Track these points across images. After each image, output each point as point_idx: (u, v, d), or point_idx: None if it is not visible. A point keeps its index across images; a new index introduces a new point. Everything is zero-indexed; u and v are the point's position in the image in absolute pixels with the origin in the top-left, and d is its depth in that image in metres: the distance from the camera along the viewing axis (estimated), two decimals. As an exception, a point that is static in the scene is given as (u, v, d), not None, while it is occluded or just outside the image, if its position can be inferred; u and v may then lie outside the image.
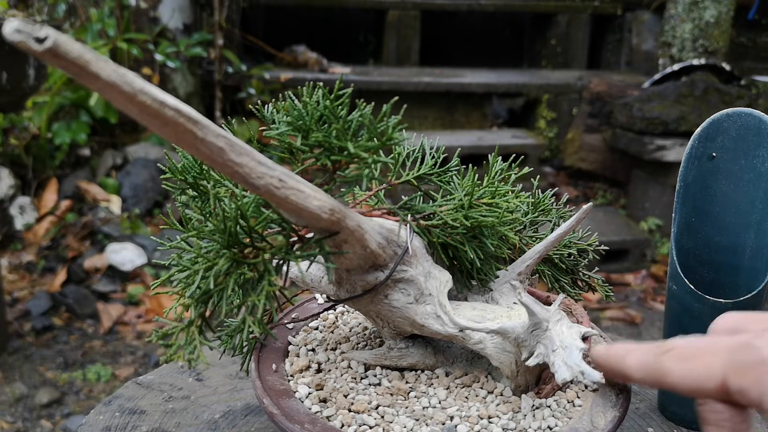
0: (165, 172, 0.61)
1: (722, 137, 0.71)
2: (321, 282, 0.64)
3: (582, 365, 0.53)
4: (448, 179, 0.62)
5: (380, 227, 0.56)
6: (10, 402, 2.11)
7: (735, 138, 0.70)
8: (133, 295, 2.64)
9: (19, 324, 2.47)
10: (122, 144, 3.34)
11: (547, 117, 4.22)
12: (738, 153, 0.70)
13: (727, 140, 0.71)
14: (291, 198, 0.47)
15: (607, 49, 4.95)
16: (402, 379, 0.63)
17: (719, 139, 0.71)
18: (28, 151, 3.08)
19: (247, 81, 3.76)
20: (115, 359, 2.35)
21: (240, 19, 4.02)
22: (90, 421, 0.72)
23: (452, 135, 3.95)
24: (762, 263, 0.69)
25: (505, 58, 5.09)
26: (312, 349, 0.67)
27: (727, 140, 0.71)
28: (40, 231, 2.91)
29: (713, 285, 0.73)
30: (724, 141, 0.71)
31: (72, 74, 0.36)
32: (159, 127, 0.40)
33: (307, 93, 0.56)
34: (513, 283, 0.64)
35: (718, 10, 4.00)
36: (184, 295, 0.52)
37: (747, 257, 0.71)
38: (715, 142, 0.71)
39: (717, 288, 0.73)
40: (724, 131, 0.71)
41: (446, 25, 5.04)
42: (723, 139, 0.71)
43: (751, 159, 0.70)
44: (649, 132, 3.48)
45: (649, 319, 2.72)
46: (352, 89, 0.55)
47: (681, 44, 4.08)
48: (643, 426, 0.74)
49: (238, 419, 0.73)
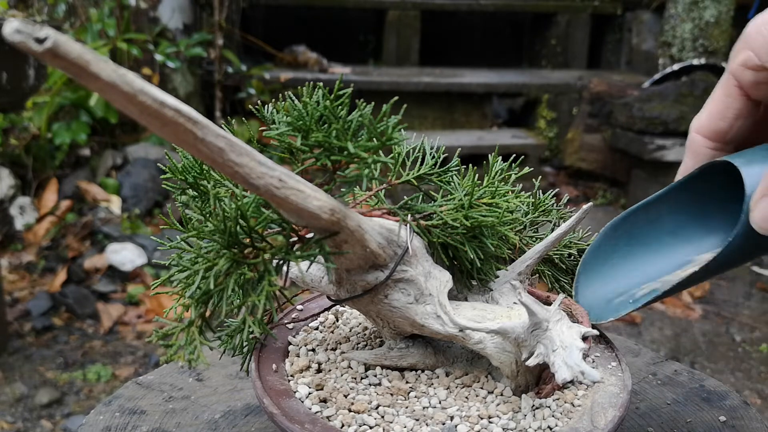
0: (165, 172, 0.61)
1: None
2: (321, 282, 0.64)
3: (582, 365, 0.53)
4: (448, 179, 0.62)
5: (380, 227, 0.56)
6: (10, 402, 2.11)
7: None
8: (133, 295, 2.64)
9: (19, 324, 2.47)
10: (122, 144, 3.34)
11: (547, 117, 4.23)
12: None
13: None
14: (291, 198, 0.47)
15: (607, 49, 4.95)
16: (402, 379, 0.63)
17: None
18: (28, 151, 3.08)
19: (247, 81, 3.76)
20: (115, 359, 2.35)
21: (240, 19, 4.02)
22: (90, 421, 0.72)
23: (452, 135, 3.95)
24: None
25: (505, 58, 5.09)
26: (312, 349, 0.67)
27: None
28: (40, 231, 2.91)
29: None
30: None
31: (72, 74, 0.36)
32: (159, 127, 0.40)
33: (307, 93, 0.56)
34: (513, 283, 0.64)
35: (718, 10, 4.00)
36: (184, 295, 0.52)
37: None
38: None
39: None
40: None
41: (446, 25, 5.04)
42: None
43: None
44: (649, 132, 3.49)
45: (649, 319, 2.72)
46: (352, 89, 0.55)
47: (681, 44, 4.08)
48: (644, 426, 0.74)
49: (239, 419, 0.73)
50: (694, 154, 0.65)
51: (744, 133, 0.63)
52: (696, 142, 0.64)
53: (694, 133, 0.65)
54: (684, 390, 0.80)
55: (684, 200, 0.66)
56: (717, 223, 0.66)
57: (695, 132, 0.64)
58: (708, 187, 0.65)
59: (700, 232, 0.67)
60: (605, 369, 0.64)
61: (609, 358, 0.65)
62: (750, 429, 0.73)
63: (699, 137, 0.64)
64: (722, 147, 0.64)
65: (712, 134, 0.63)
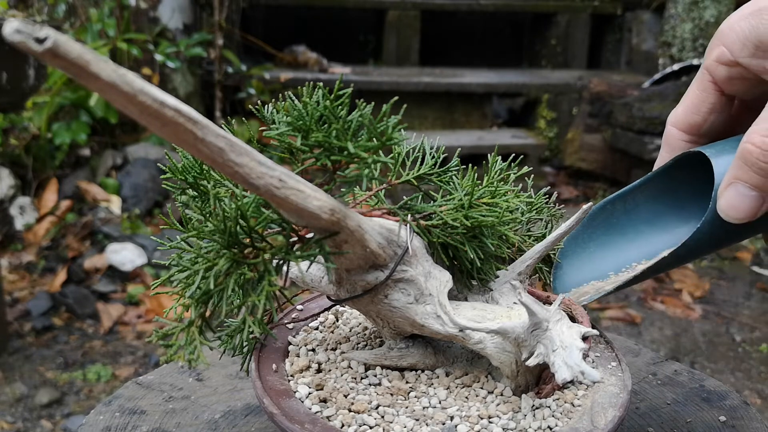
0: (165, 172, 0.61)
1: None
2: (321, 282, 0.64)
3: (582, 365, 0.53)
4: (448, 179, 0.62)
5: (380, 227, 0.56)
6: (10, 402, 2.11)
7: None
8: (133, 295, 2.64)
9: (19, 324, 2.47)
10: (122, 144, 3.34)
11: (547, 117, 4.23)
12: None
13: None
14: (291, 198, 0.47)
15: (607, 49, 4.95)
16: (402, 379, 0.63)
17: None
18: (28, 151, 3.08)
19: (247, 81, 3.76)
20: (115, 359, 2.35)
21: (240, 19, 4.02)
22: (90, 421, 0.72)
23: (452, 135, 3.95)
24: None
25: (505, 58, 5.09)
26: (312, 349, 0.67)
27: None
28: (40, 231, 2.91)
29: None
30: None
31: (72, 75, 0.36)
32: (159, 127, 0.40)
33: (307, 93, 0.56)
34: (513, 283, 0.64)
35: (718, 10, 4.00)
36: (184, 295, 0.52)
37: None
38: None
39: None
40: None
41: (446, 25, 5.04)
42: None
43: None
44: (649, 132, 3.48)
45: (649, 318, 2.72)
46: (352, 89, 0.55)
47: (681, 44, 4.08)
48: (644, 426, 0.74)
49: (238, 419, 0.73)
50: (669, 146, 0.67)
51: (718, 127, 0.65)
52: (672, 134, 0.67)
53: (670, 126, 0.67)
54: (684, 390, 0.80)
55: (660, 190, 0.68)
56: (691, 213, 0.68)
57: (671, 125, 0.67)
58: (683, 177, 0.67)
59: (675, 221, 0.69)
60: (605, 369, 0.64)
61: (609, 358, 0.65)
62: (750, 429, 0.73)
63: (675, 130, 0.66)
64: (697, 140, 0.66)
65: (687, 127, 0.66)
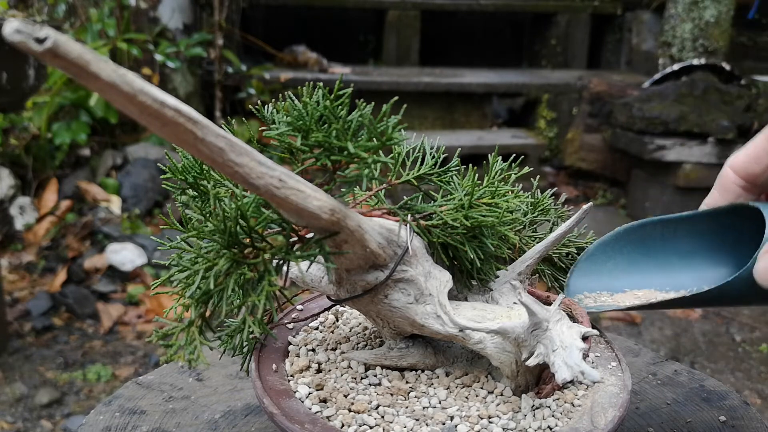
0: (165, 172, 0.61)
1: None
2: (321, 282, 0.64)
3: (582, 365, 0.53)
4: (448, 179, 0.62)
5: (380, 227, 0.56)
6: (10, 402, 2.11)
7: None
8: (133, 295, 2.64)
9: (19, 324, 2.47)
10: (122, 144, 3.34)
11: (547, 117, 4.22)
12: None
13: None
14: (291, 198, 0.47)
15: (607, 48, 4.95)
16: (402, 379, 0.63)
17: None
18: (28, 151, 3.08)
19: (247, 81, 3.76)
20: (115, 359, 2.35)
21: (240, 19, 4.02)
22: (90, 421, 0.72)
23: (452, 135, 3.95)
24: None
25: (505, 58, 5.09)
26: (312, 349, 0.67)
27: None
28: (40, 231, 2.91)
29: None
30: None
31: (72, 74, 0.36)
32: (159, 127, 0.40)
33: (307, 93, 0.56)
34: (513, 283, 0.64)
35: (718, 10, 4.00)
36: (184, 295, 0.52)
37: None
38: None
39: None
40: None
41: (446, 25, 5.04)
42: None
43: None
44: (649, 132, 3.48)
45: (649, 318, 2.72)
46: (352, 89, 0.55)
47: (681, 44, 4.08)
48: (644, 426, 0.74)
49: (238, 419, 0.73)
50: (723, 187, 0.67)
51: None
52: (728, 177, 0.67)
53: (728, 169, 0.67)
54: (684, 390, 0.80)
55: (703, 229, 0.68)
56: (728, 261, 0.67)
57: (729, 167, 0.67)
58: (730, 223, 0.66)
59: (708, 262, 0.68)
60: (605, 369, 0.64)
61: (609, 358, 0.65)
62: (750, 429, 0.73)
63: (732, 174, 0.66)
64: (752, 188, 0.66)
65: (745, 174, 0.66)
